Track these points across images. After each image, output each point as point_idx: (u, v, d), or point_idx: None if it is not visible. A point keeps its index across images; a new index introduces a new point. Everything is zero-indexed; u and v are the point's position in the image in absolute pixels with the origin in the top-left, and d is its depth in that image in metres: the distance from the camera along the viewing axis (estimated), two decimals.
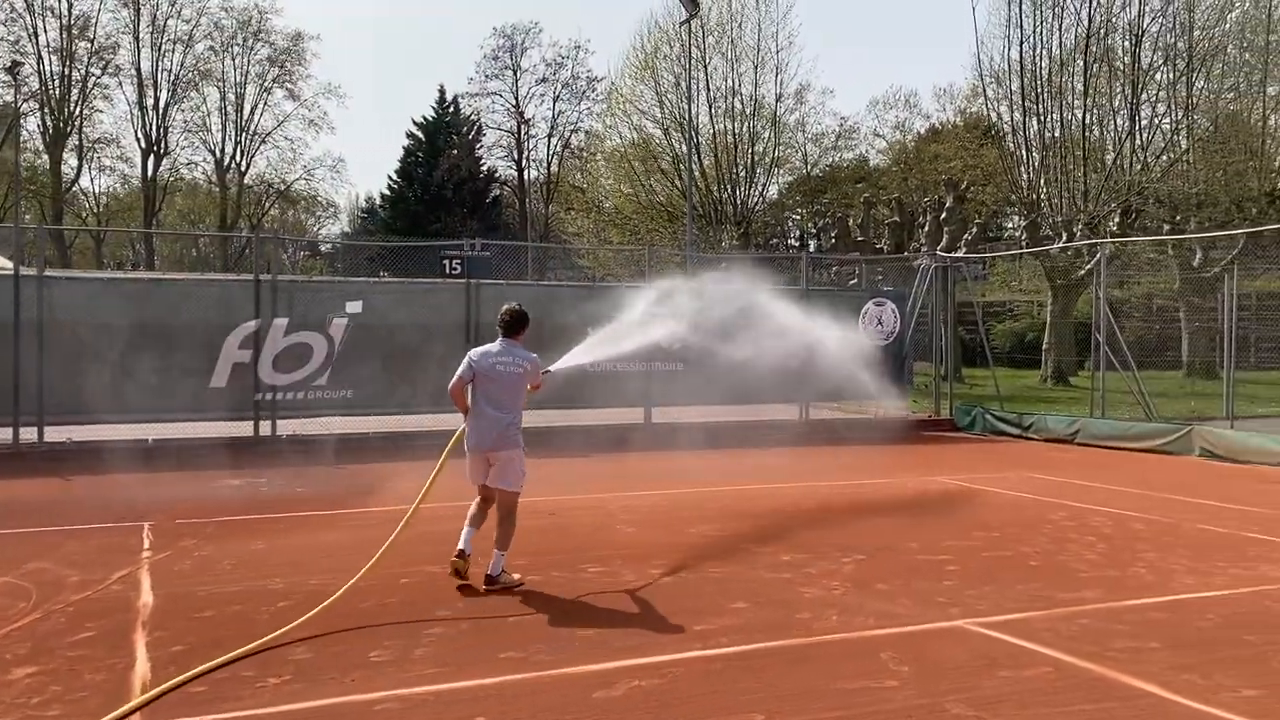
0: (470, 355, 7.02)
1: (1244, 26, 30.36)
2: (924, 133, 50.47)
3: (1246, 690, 4.77)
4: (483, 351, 7.01)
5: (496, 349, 7.00)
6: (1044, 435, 16.58)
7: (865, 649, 5.39)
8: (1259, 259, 29.01)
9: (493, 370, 6.91)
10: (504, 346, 7.01)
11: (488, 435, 6.85)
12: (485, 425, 6.86)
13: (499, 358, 6.95)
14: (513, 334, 7.07)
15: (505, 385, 6.92)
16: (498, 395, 6.89)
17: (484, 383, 6.90)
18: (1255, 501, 10.48)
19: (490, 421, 6.85)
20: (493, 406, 6.88)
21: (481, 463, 6.95)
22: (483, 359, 6.95)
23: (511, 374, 6.94)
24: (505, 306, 7.18)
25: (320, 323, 14.87)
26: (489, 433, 6.85)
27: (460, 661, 5.15)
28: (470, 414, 6.94)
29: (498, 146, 59.80)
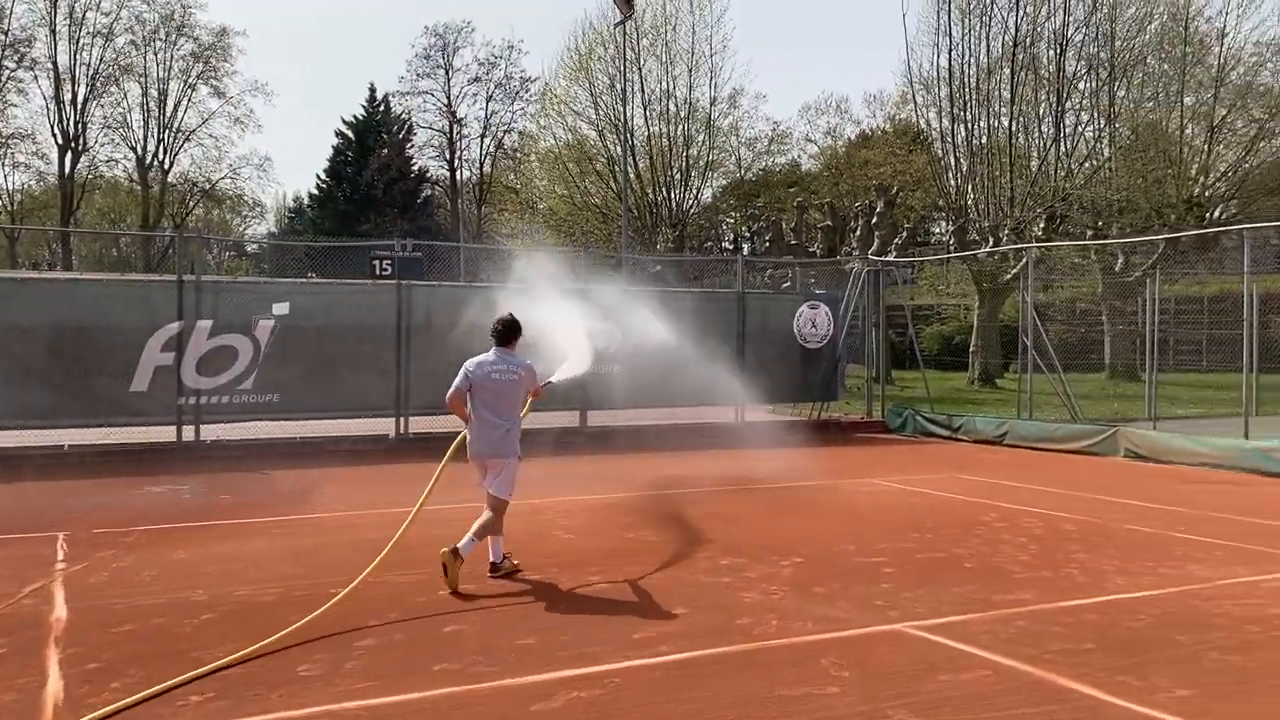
0: (466, 366, 7.16)
1: (1162, 38, 31.23)
2: (855, 138, 51.08)
3: (1180, 690, 4.82)
4: (478, 361, 7.15)
5: (491, 358, 7.15)
6: (973, 437, 16.83)
7: (806, 654, 5.35)
8: (1178, 264, 29.89)
9: (488, 379, 7.07)
10: (498, 355, 7.17)
11: (486, 443, 7.07)
12: (484, 433, 7.07)
13: (494, 367, 7.11)
14: (506, 342, 7.22)
15: (502, 393, 7.10)
16: (495, 403, 7.08)
17: (481, 392, 7.07)
18: (1179, 501, 10.72)
19: (489, 429, 7.06)
20: (491, 414, 7.07)
21: (482, 468, 7.16)
22: (478, 369, 7.10)
23: (507, 381, 7.11)
24: (498, 316, 7.32)
25: (246, 325, 14.47)
26: (488, 440, 7.07)
27: (393, 674, 4.99)
28: (471, 422, 7.14)
29: (429, 146, 59.20)
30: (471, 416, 7.13)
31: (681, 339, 13.38)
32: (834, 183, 44.12)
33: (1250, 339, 14.25)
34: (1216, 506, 10.37)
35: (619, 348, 16.73)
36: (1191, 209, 30.10)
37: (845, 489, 11.68)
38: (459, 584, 6.65)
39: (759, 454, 15.14)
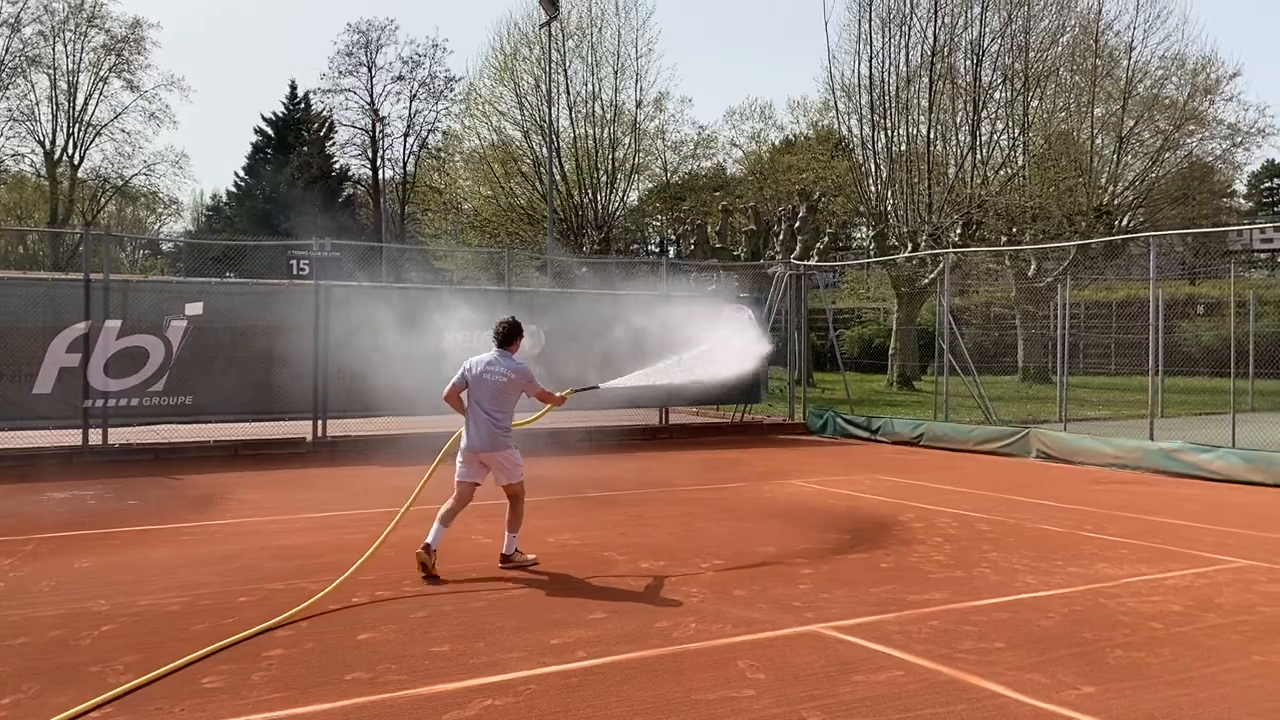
0: (465, 363, 7.61)
1: (1074, 50, 32.14)
2: (778, 144, 51.59)
3: (1086, 687, 4.93)
4: (477, 360, 7.58)
5: (489, 358, 7.55)
6: (891, 438, 17.10)
7: (723, 657, 5.35)
8: (1087, 270, 30.80)
9: (482, 378, 7.46)
10: (496, 356, 7.55)
11: (480, 437, 7.44)
12: (478, 428, 7.44)
13: (489, 366, 7.50)
14: (506, 345, 7.61)
15: (492, 392, 7.44)
16: (488, 401, 7.44)
17: (476, 389, 7.48)
18: (1088, 501, 11.01)
19: (482, 424, 7.43)
20: (484, 410, 7.44)
21: (474, 461, 7.49)
22: (475, 367, 7.53)
23: (497, 382, 7.45)
24: (500, 320, 7.74)
25: (157, 325, 14.08)
26: (481, 435, 7.43)
27: (303, 685, 4.87)
28: (467, 417, 7.52)
29: (351, 145, 58.23)
30: (467, 412, 7.48)
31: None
32: (758, 187, 44.52)
33: (1155, 343, 14.71)
34: (1123, 506, 10.68)
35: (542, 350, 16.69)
36: (1101, 217, 31.03)
37: (766, 490, 11.77)
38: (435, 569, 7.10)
39: (680, 455, 15.20)
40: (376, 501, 10.56)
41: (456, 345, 16.15)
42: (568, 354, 16.98)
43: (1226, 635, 5.88)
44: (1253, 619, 6.25)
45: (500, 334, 7.61)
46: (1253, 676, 5.15)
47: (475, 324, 16.45)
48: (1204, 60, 33.41)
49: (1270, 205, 70.06)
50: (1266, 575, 7.47)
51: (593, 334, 17.33)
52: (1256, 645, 5.68)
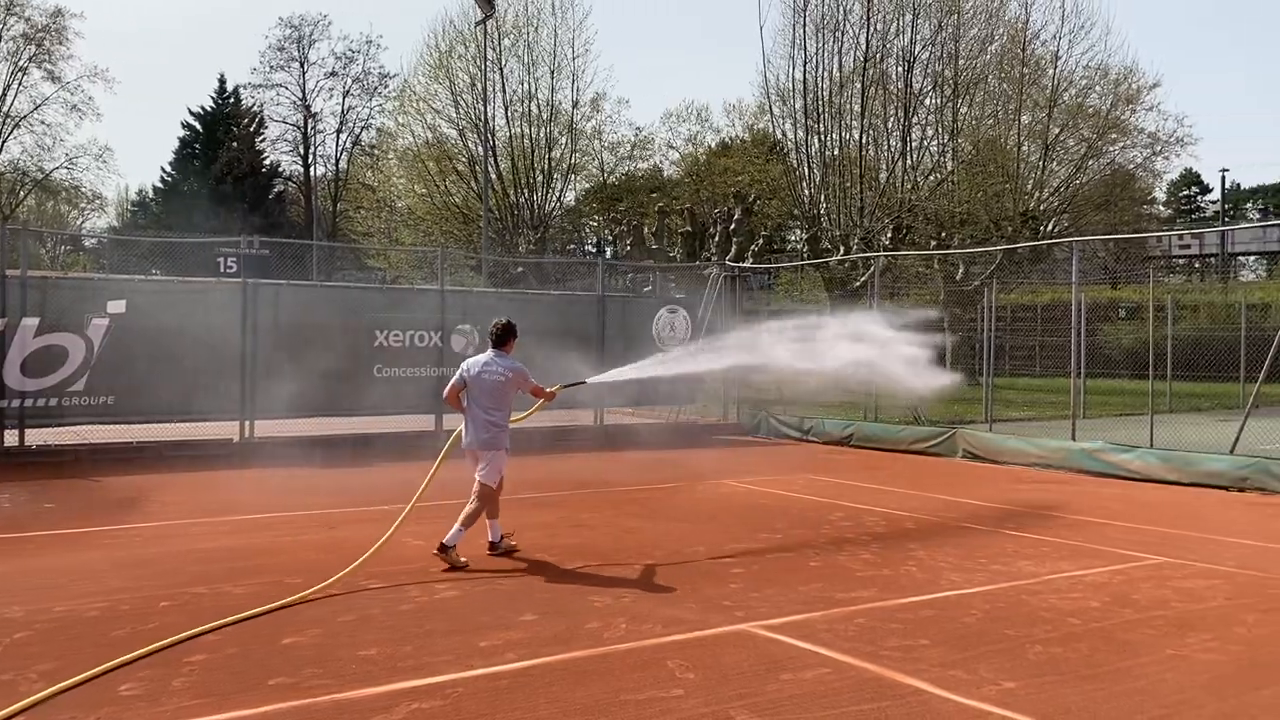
0: (464, 364, 7.96)
1: (1002, 59, 32.82)
2: (715, 146, 51.87)
3: (1006, 682, 5.04)
4: (474, 360, 7.93)
5: (485, 358, 7.89)
6: (823, 438, 17.31)
7: (652, 658, 5.37)
8: (1013, 274, 31.50)
9: (478, 378, 7.80)
10: (492, 356, 7.89)
11: (475, 435, 7.81)
12: (474, 426, 7.81)
13: (485, 366, 7.83)
14: (501, 345, 7.94)
15: (489, 391, 7.79)
16: (484, 400, 7.78)
17: (474, 389, 7.81)
18: (1012, 499, 11.25)
19: (478, 423, 7.80)
20: (481, 410, 7.79)
21: (473, 459, 7.86)
22: (472, 367, 7.87)
23: (494, 381, 7.78)
24: (495, 321, 8.04)
25: (78, 323, 13.70)
26: (477, 433, 7.80)
27: (224, 691, 4.78)
28: (465, 416, 7.87)
29: (282, 141, 57.33)
30: (466, 411, 7.83)
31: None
32: (695, 189, 44.70)
33: (1078, 346, 15.08)
34: (1045, 505, 10.94)
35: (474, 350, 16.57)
36: (1027, 222, 31.74)
37: (700, 491, 11.82)
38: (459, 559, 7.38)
39: (616, 455, 15.21)
40: (304, 503, 10.41)
41: (388, 345, 16.00)
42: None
43: (1141, 630, 6.05)
44: (1166, 614, 6.44)
45: (496, 334, 7.94)
46: (1166, 670, 5.31)
47: (407, 324, 16.32)
48: (1126, 71, 34.35)
49: (1188, 213, 72.33)
50: (1180, 571, 7.70)
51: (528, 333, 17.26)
52: (1169, 640, 5.86)
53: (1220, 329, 25.74)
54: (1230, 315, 28.01)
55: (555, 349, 17.39)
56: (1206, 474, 12.37)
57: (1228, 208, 69.01)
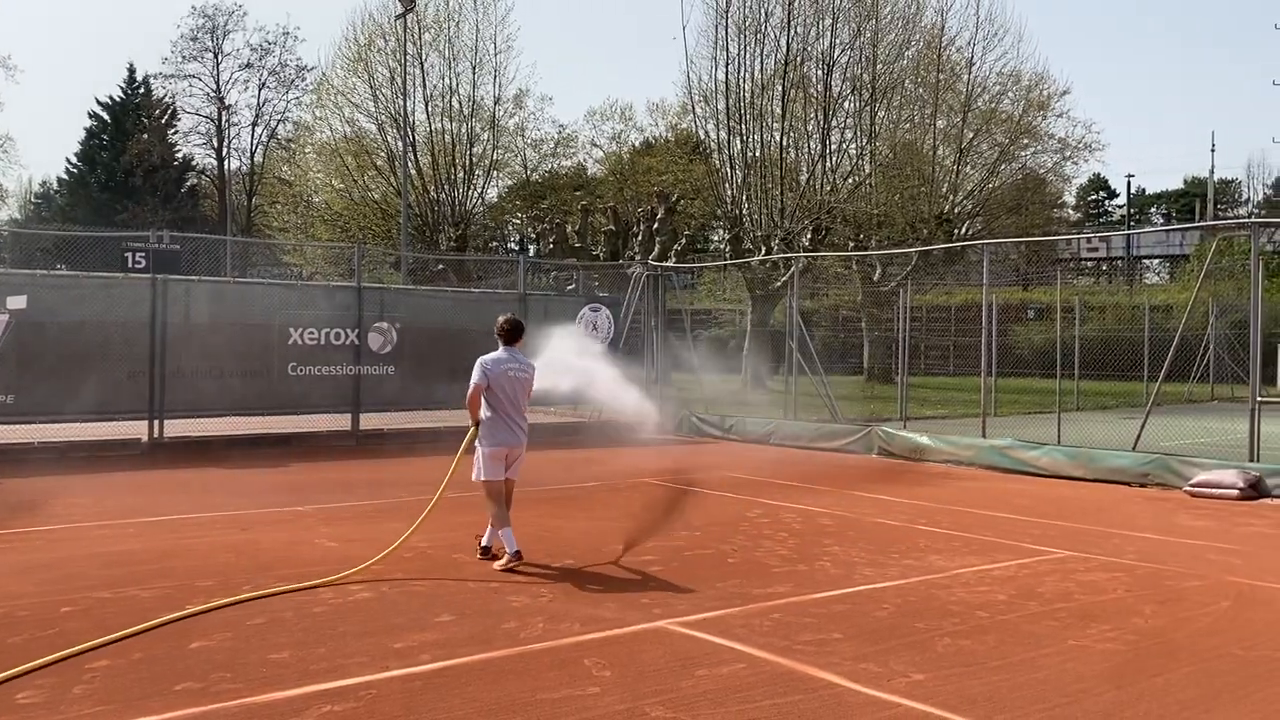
0: (483, 364, 7.60)
1: (918, 64, 33.54)
2: (638, 146, 52.00)
3: (916, 675, 5.15)
4: (494, 359, 7.63)
5: (505, 356, 7.68)
6: (743, 436, 17.48)
7: (569, 656, 5.37)
8: (928, 275, 32.20)
9: (505, 376, 7.58)
10: (510, 354, 7.71)
11: (515, 433, 7.64)
12: (511, 425, 7.61)
13: (508, 364, 7.64)
14: (514, 341, 7.79)
15: (520, 388, 7.67)
16: (515, 397, 7.63)
17: (500, 388, 7.55)
18: (924, 496, 11.50)
19: (515, 421, 7.64)
20: (511, 407, 7.62)
21: (505, 458, 7.62)
22: (495, 366, 7.59)
23: (522, 378, 7.70)
24: (503, 317, 7.92)
25: None
26: (516, 431, 7.64)
27: (128, 698, 4.65)
28: (494, 416, 7.57)
29: (195, 133, 55.88)
30: (491, 411, 7.55)
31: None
32: (618, 188, 44.77)
33: (989, 345, 15.48)
34: (956, 500, 11.21)
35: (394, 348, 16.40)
36: (942, 224, 32.47)
37: (620, 489, 11.85)
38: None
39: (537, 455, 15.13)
40: (216, 505, 10.18)
41: (303, 343, 15.72)
42: (421, 351, 16.74)
43: (1045, 622, 6.24)
44: (1070, 606, 6.65)
45: (509, 330, 7.79)
46: (1068, 660, 5.48)
47: (323, 321, 16.05)
48: (1037, 77, 35.38)
49: (1096, 216, 74.70)
50: (1084, 564, 7.96)
51: (447, 331, 17.13)
52: (1072, 631, 6.05)
53: (1125, 330, 26.66)
54: (1135, 317, 29.03)
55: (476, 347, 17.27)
56: (1111, 470, 12.79)
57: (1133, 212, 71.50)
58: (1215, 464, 12.00)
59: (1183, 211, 69.92)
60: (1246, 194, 70.40)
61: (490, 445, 7.56)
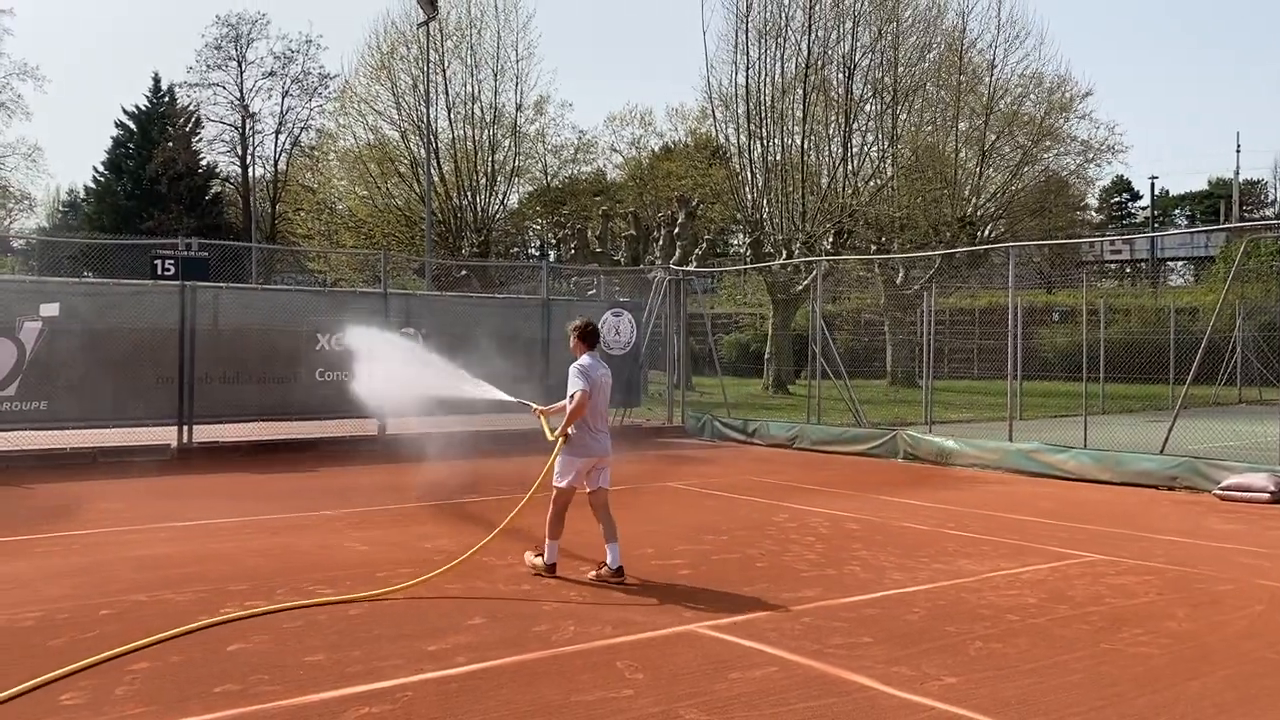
0: (584, 368, 7.20)
1: (940, 67, 33.45)
2: (658, 150, 52.05)
3: (948, 678, 5.16)
4: (591, 364, 7.27)
5: (596, 362, 7.32)
6: (767, 440, 17.47)
7: (602, 659, 5.41)
8: (952, 278, 32.07)
9: (601, 381, 7.27)
10: (598, 359, 7.39)
11: (605, 442, 7.36)
12: (600, 433, 7.31)
13: (601, 369, 7.31)
14: (596, 344, 7.49)
15: (607, 394, 7.38)
16: (603, 405, 7.35)
17: (596, 394, 7.22)
18: (951, 500, 11.48)
19: (605, 430, 7.38)
20: (603, 417, 7.39)
21: (592, 468, 7.32)
22: (593, 370, 7.23)
23: (608, 384, 7.40)
24: (583, 320, 7.56)
25: (9, 327, 13.38)
26: (605, 440, 7.36)
27: (169, 699, 4.71)
28: (585, 425, 7.21)
29: (219, 141, 56.20)
30: (587, 418, 7.20)
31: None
32: (638, 193, 44.81)
33: (1015, 349, 15.42)
34: (983, 504, 11.17)
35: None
36: (965, 227, 32.34)
37: (645, 493, 11.87)
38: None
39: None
40: (245, 509, 10.28)
41: (330, 349, 15.84)
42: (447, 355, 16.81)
43: (1077, 626, 6.22)
44: (1100, 609, 6.63)
45: (592, 333, 7.46)
46: (1101, 664, 5.47)
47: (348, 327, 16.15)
48: (1059, 79, 35.20)
49: (1119, 218, 74.18)
50: (1114, 568, 7.93)
51: (471, 336, 17.21)
52: (1103, 635, 6.03)
53: (1150, 332, 26.46)
54: (1160, 319, 28.82)
55: (500, 353, 17.35)
56: (1138, 473, 12.71)
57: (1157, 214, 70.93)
58: (1245, 467, 11.92)
59: (1207, 213, 69.37)
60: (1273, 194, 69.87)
61: (583, 456, 7.23)
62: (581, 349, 7.36)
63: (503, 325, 17.94)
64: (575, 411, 7.11)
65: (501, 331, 17.75)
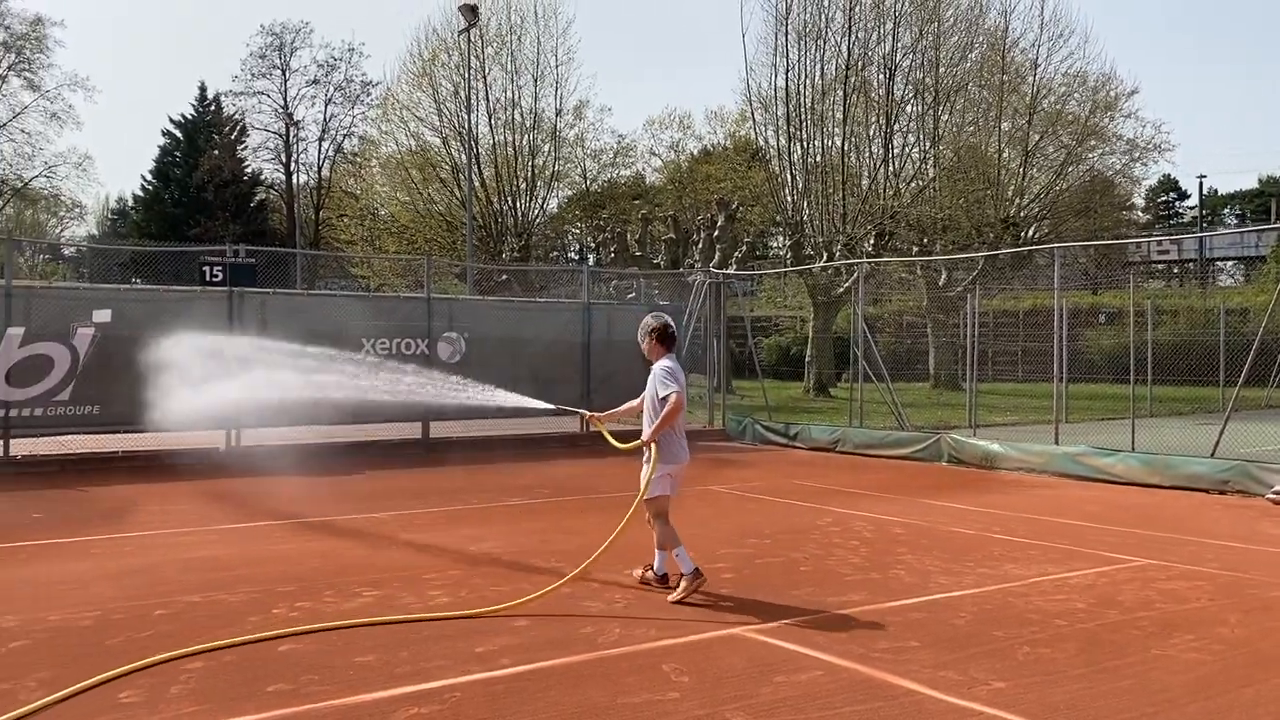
0: (675, 374, 6.83)
1: (982, 66, 33.13)
2: (697, 154, 52.06)
3: (996, 683, 5.12)
4: (676, 366, 6.90)
5: (677, 364, 6.96)
6: (808, 444, 17.40)
7: (647, 661, 5.43)
8: (995, 280, 31.73)
9: (684, 386, 6.89)
10: (677, 360, 7.00)
11: (688, 448, 7.02)
12: (683, 440, 6.98)
13: (682, 373, 6.93)
14: (674, 347, 7.05)
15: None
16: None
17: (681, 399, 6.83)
18: (995, 504, 11.37)
19: (684, 437, 7.01)
20: (683, 422, 7.02)
21: (679, 475, 7.02)
22: (679, 372, 6.87)
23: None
24: (660, 321, 7.04)
25: (63, 333, 13.66)
26: (687, 448, 7.02)
27: (223, 698, 4.80)
28: (677, 429, 6.88)
29: (264, 148, 57.10)
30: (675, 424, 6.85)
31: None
32: (677, 196, 44.86)
33: (1060, 351, 15.24)
34: (1029, 508, 11.06)
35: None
36: (1008, 228, 32.00)
37: (687, 496, 11.84)
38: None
39: (597, 462, 15.26)
40: (293, 511, 10.42)
41: (375, 353, 16.02)
42: (488, 360, 16.94)
43: (1127, 631, 6.15)
44: (1151, 615, 6.54)
45: (673, 335, 7.04)
46: (1151, 669, 5.40)
47: (394, 331, 16.36)
48: (1104, 78, 34.77)
49: (1166, 218, 73.03)
50: (1163, 573, 7.82)
51: (512, 340, 17.35)
52: (1154, 640, 5.96)
53: (1200, 333, 26.01)
54: (1209, 320, 28.32)
55: (541, 356, 17.47)
56: (1188, 477, 12.52)
57: (1205, 213, 69.74)
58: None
59: (1258, 212, 68.09)
60: None
61: (674, 463, 6.91)
62: (660, 351, 6.97)
63: (543, 329, 18.05)
64: (671, 414, 6.68)
65: (542, 335, 17.86)
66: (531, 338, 17.66)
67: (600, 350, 18.40)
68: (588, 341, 18.32)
